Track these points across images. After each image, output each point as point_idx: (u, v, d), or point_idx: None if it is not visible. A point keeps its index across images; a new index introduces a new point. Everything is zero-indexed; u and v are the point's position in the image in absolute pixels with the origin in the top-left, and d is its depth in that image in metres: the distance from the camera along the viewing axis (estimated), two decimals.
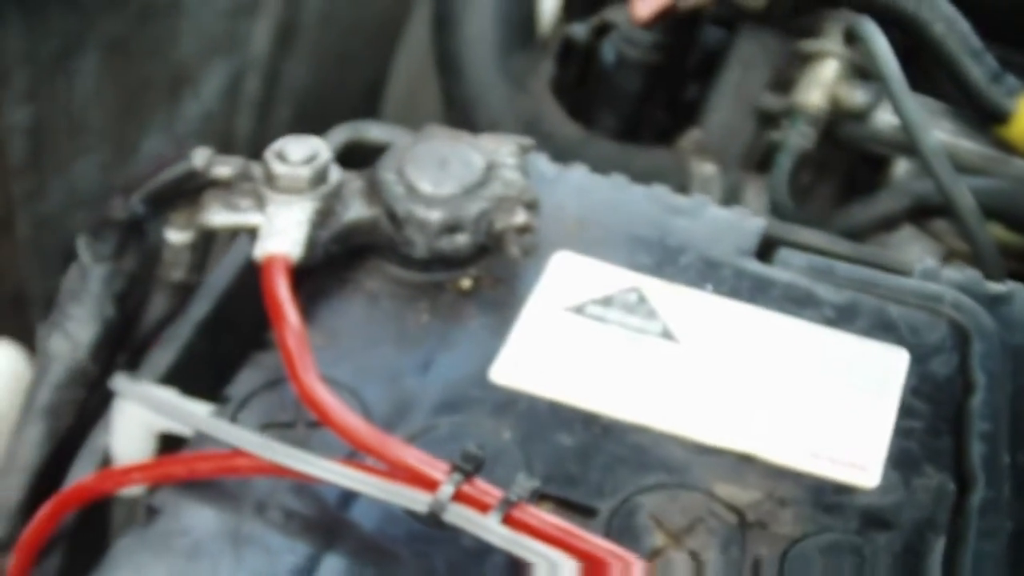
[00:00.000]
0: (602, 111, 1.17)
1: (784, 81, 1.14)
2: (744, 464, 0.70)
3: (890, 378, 0.75)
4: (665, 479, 0.69)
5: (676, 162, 1.11)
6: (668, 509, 0.68)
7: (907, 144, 1.04)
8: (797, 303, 0.79)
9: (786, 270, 0.81)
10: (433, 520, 0.63)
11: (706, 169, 1.11)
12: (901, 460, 0.71)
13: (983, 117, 1.08)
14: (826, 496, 0.69)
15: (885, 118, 1.11)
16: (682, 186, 1.07)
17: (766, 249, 0.83)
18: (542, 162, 0.87)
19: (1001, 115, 1.07)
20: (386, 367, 0.74)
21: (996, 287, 0.81)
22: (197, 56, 1.08)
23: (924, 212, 1.05)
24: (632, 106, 1.17)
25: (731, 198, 1.09)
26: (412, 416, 0.71)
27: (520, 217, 0.78)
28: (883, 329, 0.78)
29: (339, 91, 1.30)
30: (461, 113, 1.13)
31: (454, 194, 0.78)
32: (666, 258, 0.81)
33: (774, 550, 0.66)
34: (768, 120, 1.13)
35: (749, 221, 0.84)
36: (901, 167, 1.14)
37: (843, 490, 0.69)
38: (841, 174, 1.18)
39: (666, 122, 1.18)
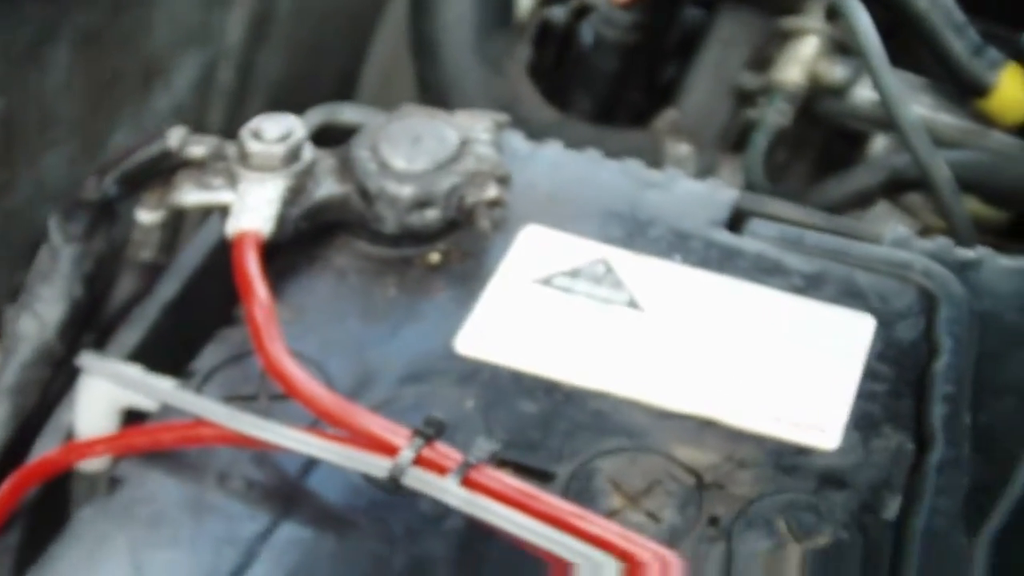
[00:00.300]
0: (578, 93, 1.17)
1: (763, 59, 1.13)
2: (705, 428, 0.70)
3: (855, 343, 0.75)
4: (625, 443, 0.69)
5: (650, 143, 1.11)
6: (626, 472, 0.68)
7: (885, 119, 1.04)
8: (766, 272, 0.79)
9: (756, 240, 0.81)
10: (393, 485, 0.63)
11: (680, 149, 1.10)
12: (862, 422, 0.71)
13: (964, 90, 1.08)
14: (785, 458, 0.69)
15: (864, 94, 1.11)
16: (655, 166, 1.07)
17: (737, 220, 0.83)
18: (517, 139, 0.87)
19: (982, 88, 1.07)
20: (351, 340, 0.74)
21: (966, 253, 0.81)
22: (170, 47, 1.07)
23: (899, 186, 1.04)
24: (609, 87, 1.17)
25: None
26: (376, 387, 0.72)
27: (491, 191, 0.78)
28: (851, 296, 0.78)
29: (313, 81, 1.30)
30: (436, 97, 1.13)
31: (426, 170, 0.78)
32: (636, 230, 0.81)
33: (731, 510, 0.66)
34: (745, 99, 1.13)
35: (721, 193, 0.84)
36: (878, 143, 1.13)
37: (803, 452, 0.69)
38: (817, 151, 1.18)
39: (643, 104, 1.18)
